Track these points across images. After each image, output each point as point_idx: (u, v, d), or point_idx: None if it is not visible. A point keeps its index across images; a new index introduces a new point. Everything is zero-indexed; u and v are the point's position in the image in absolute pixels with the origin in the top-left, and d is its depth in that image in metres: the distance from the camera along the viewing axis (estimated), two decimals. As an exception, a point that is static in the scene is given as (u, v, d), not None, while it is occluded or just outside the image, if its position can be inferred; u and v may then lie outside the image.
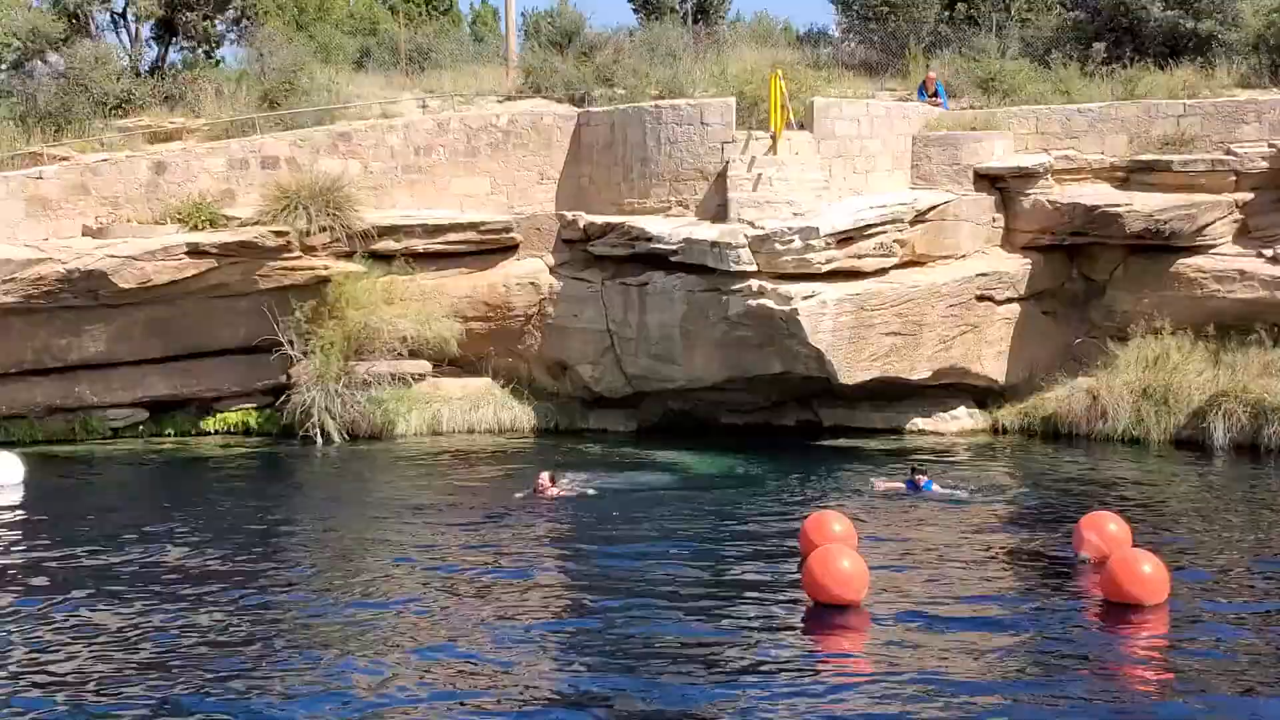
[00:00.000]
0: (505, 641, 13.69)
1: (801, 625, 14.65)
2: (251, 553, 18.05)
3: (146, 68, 34.20)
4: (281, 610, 15.10)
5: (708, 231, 27.75)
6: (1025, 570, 17.14)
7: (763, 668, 12.73)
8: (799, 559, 16.88)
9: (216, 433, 28.88)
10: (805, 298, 26.97)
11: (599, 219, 29.59)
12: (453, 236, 29.64)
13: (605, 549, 18.28)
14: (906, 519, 20.51)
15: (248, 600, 15.57)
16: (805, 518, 18.08)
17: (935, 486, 22.58)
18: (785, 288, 27.01)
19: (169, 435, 28.59)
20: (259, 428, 29.02)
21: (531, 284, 30.06)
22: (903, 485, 22.62)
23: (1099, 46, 32.75)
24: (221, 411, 29.10)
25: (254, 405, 29.20)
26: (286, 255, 27.93)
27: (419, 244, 29.43)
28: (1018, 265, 29.63)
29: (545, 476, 22.29)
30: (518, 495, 22.14)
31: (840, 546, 15.61)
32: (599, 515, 20.79)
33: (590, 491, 22.50)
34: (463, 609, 15.02)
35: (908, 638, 13.92)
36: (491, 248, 30.18)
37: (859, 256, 27.80)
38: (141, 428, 28.52)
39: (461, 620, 14.55)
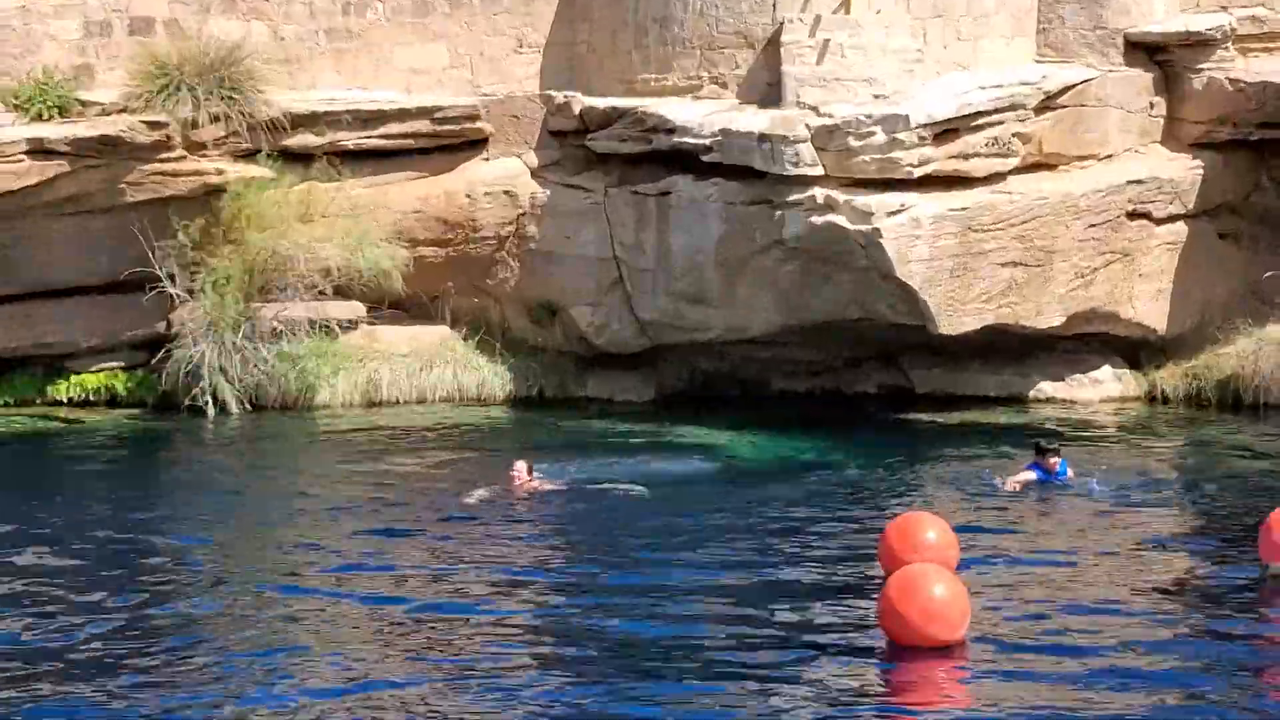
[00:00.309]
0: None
1: (872, 679, 14.25)
2: (99, 573, 17.64)
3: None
4: (136, 655, 14.58)
5: (754, 120, 27.65)
6: (1190, 595, 16.80)
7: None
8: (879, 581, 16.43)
9: (70, 402, 28.87)
10: (891, 214, 26.90)
11: (601, 102, 29.42)
12: (396, 128, 29.59)
13: (603, 570, 17.86)
14: (1026, 524, 20.23)
15: (96, 625, 15.33)
16: (888, 523, 17.71)
17: (1071, 473, 22.30)
18: (863, 199, 26.89)
19: (5, 405, 28.62)
20: (128, 395, 29.02)
21: (506, 193, 29.85)
22: (1032, 474, 22.25)
23: None
24: (76, 373, 29.05)
25: (121, 364, 29.18)
26: (165, 155, 27.81)
27: (349, 139, 29.38)
28: (1185, 169, 29.42)
29: (520, 466, 21.98)
30: (480, 493, 21.69)
31: (932, 566, 15.30)
32: (596, 521, 20.43)
33: (583, 486, 22.26)
34: (397, 658, 14.44)
35: (1020, 696, 13.70)
36: (450, 143, 30.03)
37: (965, 157, 27.72)
38: (-34, 395, 28.37)
39: (399, 676, 13.91)
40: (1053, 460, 22.18)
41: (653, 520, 20.28)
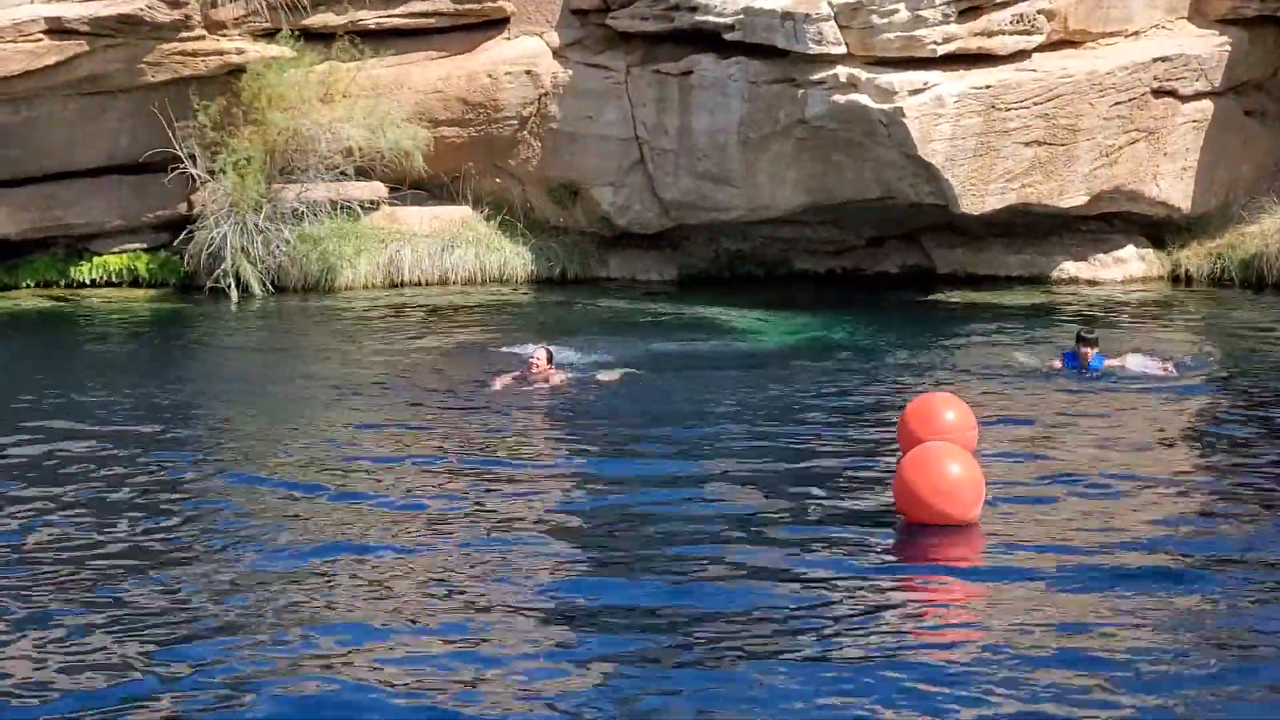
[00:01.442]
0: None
1: (885, 559, 14.09)
2: (118, 453, 17.41)
3: None
4: (145, 535, 14.46)
5: (776, -3, 27.42)
6: (1223, 490, 16.14)
7: (812, 622, 12.42)
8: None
9: (93, 283, 28.94)
10: (914, 92, 26.78)
11: (623, -20, 29.25)
12: (417, 6, 29.63)
13: (618, 457, 17.58)
14: (1050, 408, 19.99)
15: (112, 505, 15.25)
16: (907, 404, 17.58)
17: (1106, 362, 21.55)
18: (886, 78, 26.80)
19: (26, 287, 28.66)
20: (151, 276, 29.08)
21: (527, 73, 29.77)
22: (1059, 364, 21.56)
23: None
24: (99, 254, 29.01)
25: (143, 245, 29.12)
26: (185, 34, 27.68)
27: (370, 17, 29.41)
28: (1212, 46, 29.26)
29: (540, 355, 20.92)
30: (495, 386, 20.76)
31: (947, 444, 15.18)
32: (616, 408, 20.02)
33: (601, 376, 21.50)
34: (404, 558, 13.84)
35: (1033, 594, 13.53)
36: (471, 21, 30.02)
37: (989, 34, 27.59)
38: (-11, 277, 28.53)
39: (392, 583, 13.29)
40: (1086, 350, 21.31)
41: (669, 404, 20.02)
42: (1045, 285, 29.17)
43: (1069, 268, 29.55)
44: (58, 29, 26.84)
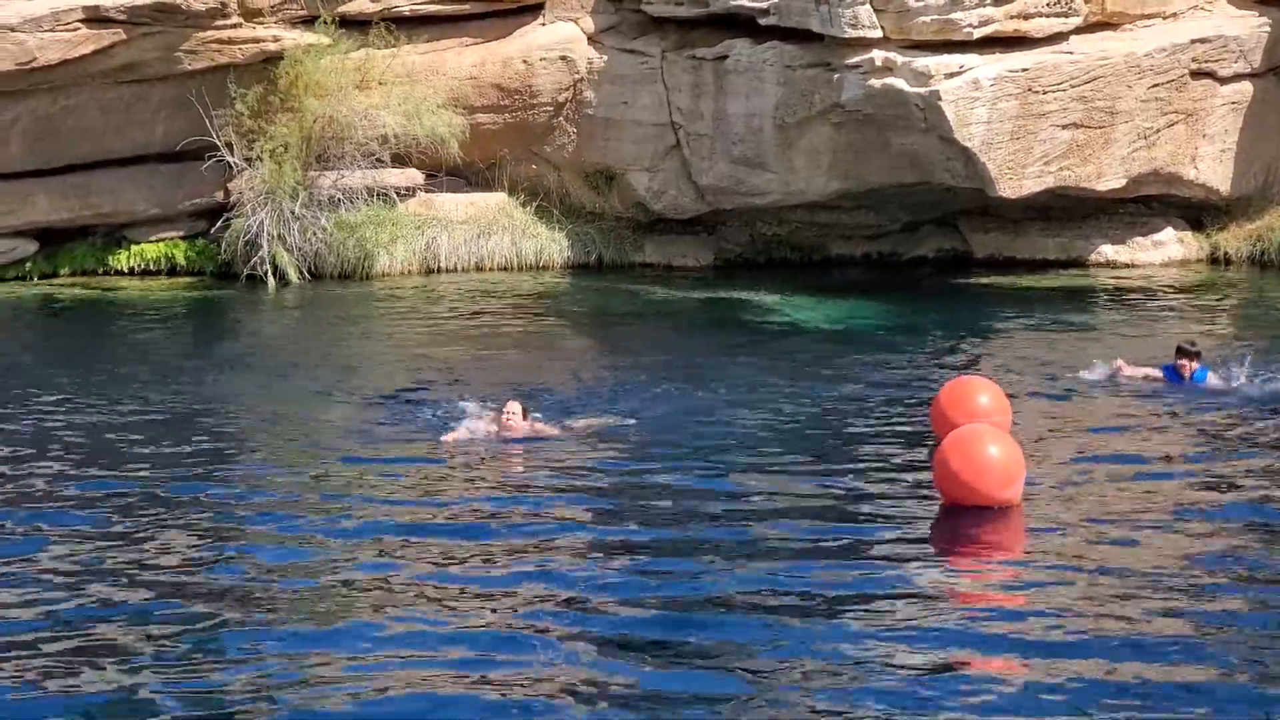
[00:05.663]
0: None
1: (924, 542, 14.18)
2: (154, 440, 17.53)
3: None
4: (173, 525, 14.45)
5: (812, -18, 27.42)
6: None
7: (846, 608, 12.44)
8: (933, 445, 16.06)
9: (130, 271, 28.92)
10: (950, 75, 26.76)
11: (657, -36, 29.11)
12: (452, -9, 29.31)
13: (652, 436, 17.59)
14: (1081, 395, 19.78)
15: (149, 489, 15.29)
16: (941, 388, 17.55)
17: (1211, 378, 19.74)
18: (922, 61, 26.79)
19: (66, 274, 28.72)
20: (188, 264, 29.05)
21: (563, 59, 29.76)
22: (1158, 371, 19.95)
23: None
24: (136, 242, 29.05)
25: (180, 233, 29.16)
26: (221, 23, 27.71)
27: (404, 4, 29.36)
28: (1251, 27, 29.18)
29: (514, 408, 18.38)
30: (448, 438, 17.99)
31: (987, 425, 15.27)
32: (646, 403, 19.48)
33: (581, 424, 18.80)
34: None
35: (1070, 553, 13.68)
36: (506, 8, 29.97)
37: (1025, 17, 27.66)
38: (29, 266, 28.54)
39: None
40: (1187, 363, 19.58)
41: (704, 389, 20.02)
42: (1083, 269, 29.10)
43: (1107, 251, 29.51)
44: (95, 18, 26.85)
